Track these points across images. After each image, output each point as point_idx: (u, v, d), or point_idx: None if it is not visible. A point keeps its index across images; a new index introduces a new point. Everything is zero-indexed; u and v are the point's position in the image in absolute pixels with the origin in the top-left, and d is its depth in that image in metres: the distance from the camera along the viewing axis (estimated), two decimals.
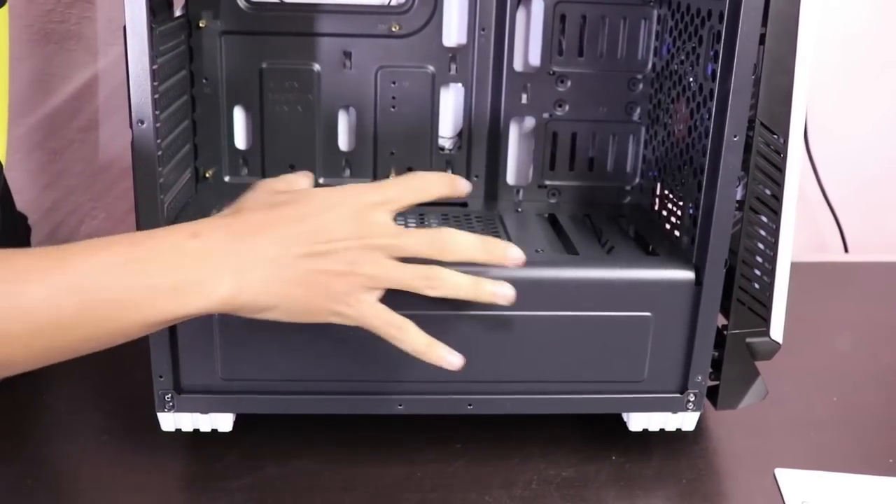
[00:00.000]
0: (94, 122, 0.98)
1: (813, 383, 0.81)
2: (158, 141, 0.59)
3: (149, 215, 0.60)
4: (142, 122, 0.58)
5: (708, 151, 0.63)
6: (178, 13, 0.71)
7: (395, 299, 0.58)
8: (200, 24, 0.73)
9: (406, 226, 0.71)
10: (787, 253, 0.65)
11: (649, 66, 0.77)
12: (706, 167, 0.63)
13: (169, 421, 0.66)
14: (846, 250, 1.12)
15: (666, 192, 0.74)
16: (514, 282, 0.63)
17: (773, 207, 0.64)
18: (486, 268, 0.60)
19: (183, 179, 0.72)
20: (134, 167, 0.59)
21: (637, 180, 0.80)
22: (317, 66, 0.76)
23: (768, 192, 0.63)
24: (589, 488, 0.65)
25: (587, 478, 0.66)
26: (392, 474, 0.66)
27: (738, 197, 0.63)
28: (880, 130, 1.10)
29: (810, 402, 0.78)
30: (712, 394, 0.68)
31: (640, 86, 0.77)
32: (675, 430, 0.69)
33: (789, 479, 0.67)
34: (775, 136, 0.62)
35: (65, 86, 0.97)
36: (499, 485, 0.65)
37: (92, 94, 0.96)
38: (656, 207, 0.76)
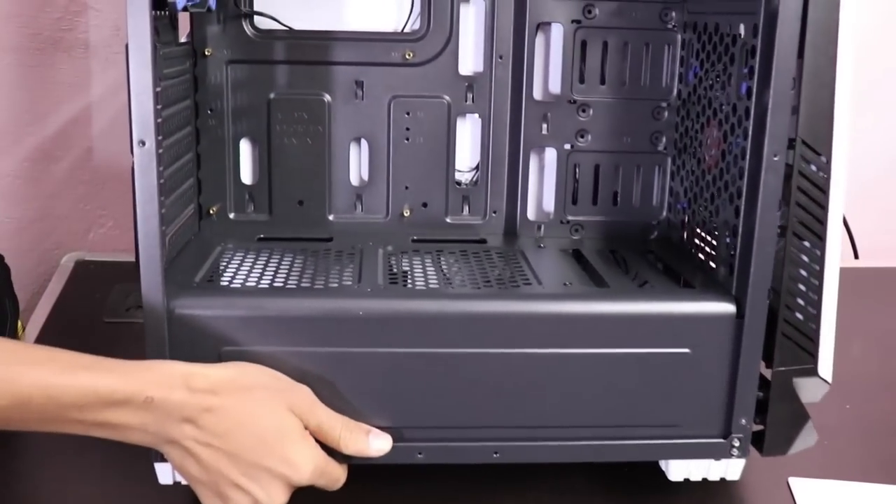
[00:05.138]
0: (104, 130, 0.98)
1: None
2: (160, 168, 0.56)
3: (149, 247, 0.56)
4: (143, 143, 0.55)
5: (745, 174, 0.59)
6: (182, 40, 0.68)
7: (402, 337, 0.58)
8: (206, 53, 0.70)
9: (411, 263, 0.67)
10: (834, 281, 0.60)
11: (674, 92, 0.73)
12: (744, 190, 0.59)
13: (166, 473, 0.60)
14: (856, 256, 1.08)
15: (697, 224, 0.70)
16: (543, 317, 0.59)
17: (818, 232, 0.59)
18: None
19: (185, 215, 0.68)
20: (134, 193, 0.55)
21: (664, 214, 0.76)
22: (327, 97, 0.73)
23: (812, 215, 0.59)
24: None
25: None
26: None
27: (778, 223, 0.59)
28: (889, 136, 1.10)
29: (823, 410, 0.74)
30: (758, 439, 0.63)
31: (666, 114, 0.74)
32: (718, 479, 0.64)
33: (803, 489, 0.66)
34: (818, 156, 0.58)
35: (75, 94, 0.97)
36: None
37: (103, 102, 0.98)
38: (685, 240, 0.72)
